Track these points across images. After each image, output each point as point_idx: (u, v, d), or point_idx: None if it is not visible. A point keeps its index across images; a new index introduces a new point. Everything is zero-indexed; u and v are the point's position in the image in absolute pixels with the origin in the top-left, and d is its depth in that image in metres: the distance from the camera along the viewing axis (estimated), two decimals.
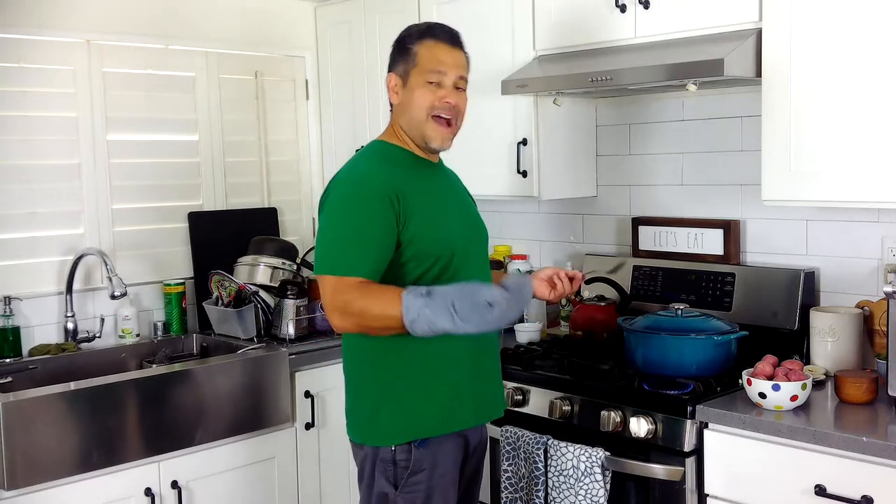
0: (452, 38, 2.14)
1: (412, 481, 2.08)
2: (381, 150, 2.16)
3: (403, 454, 2.08)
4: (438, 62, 2.09)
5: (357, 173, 2.10)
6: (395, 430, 2.08)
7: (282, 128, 3.75)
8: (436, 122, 2.10)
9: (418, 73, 2.09)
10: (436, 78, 2.08)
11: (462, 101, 2.14)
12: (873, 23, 2.22)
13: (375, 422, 2.11)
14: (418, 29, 2.16)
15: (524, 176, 3.03)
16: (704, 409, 2.32)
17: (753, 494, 2.23)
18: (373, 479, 2.11)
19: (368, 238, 2.00)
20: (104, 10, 3.20)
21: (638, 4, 2.67)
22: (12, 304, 2.95)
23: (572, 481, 2.44)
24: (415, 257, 2.05)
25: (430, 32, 2.13)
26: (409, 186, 2.07)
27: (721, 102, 2.93)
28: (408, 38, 2.14)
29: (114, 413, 2.57)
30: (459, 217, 2.19)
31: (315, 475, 3.08)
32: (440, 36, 2.12)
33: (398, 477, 2.08)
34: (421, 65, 2.09)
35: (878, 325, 2.49)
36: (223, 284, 3.24)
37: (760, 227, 2.88)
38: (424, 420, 2.09)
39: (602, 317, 2.95)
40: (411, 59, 2.10)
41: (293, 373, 2.99)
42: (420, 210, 2.06)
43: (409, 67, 2.10)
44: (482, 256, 2.25)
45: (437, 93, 2.09)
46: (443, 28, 2.16)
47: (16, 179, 3.02)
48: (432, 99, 2.08)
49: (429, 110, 2.09)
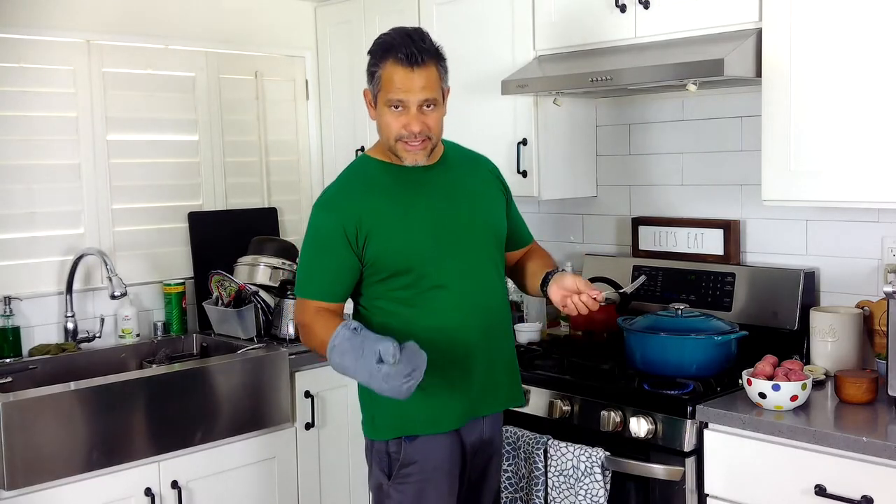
0: (412, 58, 2.02)
1: (403, 472, 2.14)
2: (359, 168, 2.22)
3: (395, 447, 2.15)
4: (397, 90, 2.04)
5: (323, 201, 2.18)
6: (386, 426, 2.16)
7: (282, 128, 3.75)
8: (405, 145, 2.08)
9: (382, 97, 2.07)
10: (397, 104, 2.05)
11: (432, 120, 2.08)
12: (873, 23, 2.22)
13: (371, 417, 2.19)
14: (381, 47, 2.08)
15: (524, 176, 3.03)
16: (704, 409, 2.32)
17: (753, 494, 2.23)
18: (371, 468, 2.21)
19: (324, 266, 2.14)
20: (104, 10, 3.20)
21: (638, 4, 2.67)
22: (12, 304, 2.95)
23: (572, 481, 2.44)
24: (378, 274, 2.13)
25: (391, 52, 2.04)
26: (376, 208, 2.11)
27: (721, 102, 2.93)
28: (372, 56, 2.10)
29: (114, 413, 2.57)
30: (442, 226, 2.15)
31: (315, 475, 3.08)
32: (399, 58, 2.03)
33: (391, 468, 2.15)
34: (384, 89, 2.06)
35: (878, 325, 2.49)
36: (223, 284, 3.24)
37: (760, 227, 2.88)
38: (411, 419, 2.13)
39: (602, 317, 2.94)
40: (376, 81, 2.08)
41: (293, 373, 2.99)
42: (384, 229, 2.10)
43: (376, 90, 2.09)
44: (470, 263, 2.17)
45: (399, 119, 2.06)
46: (404, 47, 2.03)
47: (16, 179, 3.03)
48: (397, 126, 2.06)
49: (395, 136, 2.08)
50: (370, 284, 2.15)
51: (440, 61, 2.10)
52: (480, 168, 2.32)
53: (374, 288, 2.15)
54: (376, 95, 2.10)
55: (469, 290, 2.16)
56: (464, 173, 2.26)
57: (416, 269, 2.11)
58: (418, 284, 2.12)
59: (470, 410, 2.19)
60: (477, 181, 2.28)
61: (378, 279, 2.14)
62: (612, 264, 3.15)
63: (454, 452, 2.17)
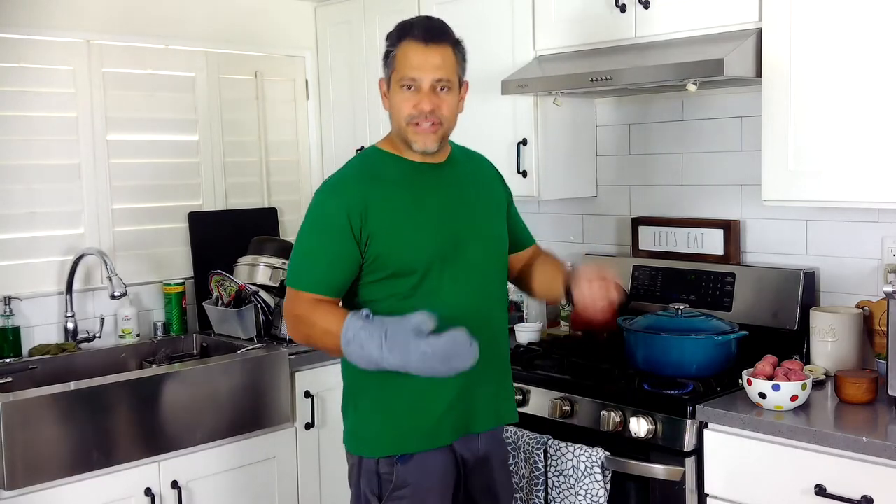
0: (429, 35, 1.98)
1: (396, 495, 2.03)
2: (367, 160, 2.11)
3: (386, 468, 2.03)
4: (411, 67, 1.97)
5: (328, 186, 2.08)
6: (375, 442, 2.06)
7: (282, 128, 3.75)
8: (415, 127, 2.00)
9: (395, 79, 2.01)
10: (410, 83, 1.98)
11: (445, 103, 2.00)
12: (873, 23, 2.22)
13: (362, 432, 2.08)
14: (399, 28, 2.03)
15: (524, 176, 3.03)
16: (704, 409, 2.32)
17: (753, 494, 2.23)
18: (359, 489, 2.08)
19: (324, 257, 2.01)
20: (104, 10, 3.20)
21: (638, 4, 2.67)
22: (12, 304, 2.95)
23: (572, 481, 2.44)
24: (377, 273, 2.02)
25: (407, 31, 2.00)
26: (383, 201, 2.01)
27: (721, 102, 2.93)
28: (389, 39, 2.04)
29: (114, 413, 2.58)
30: (449, 230, 2.07)
31: (315, 475, 3.08)
32: (416, 35, 1.98)
33: (382, 489, 2.04)
34: (398, 69, 2.00)
35: (878, 325, 2.49)
36: (223, 284, 3.24)
37: (760, 227, 2.88)
38: (409, 434, 2.04)
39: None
40: (391, 62, 2.02)
41: (293, 373, 2.99)
42: (390, 224, 2.00)
43: (390, 72, 2.02)
44: (473, 272, 2.09)
45: (411, 99, 1.99)
46: (421, 24, 2.01)
47: (16, 179, 3.03)
48: (408, 107, 1.99)
49: (407, 118, 2.00)
50: (366, 285, 2.03)
51: (457, 46, 2.05)
52: (485, 171, 2.26)
53: (369, 289, 2.03)
54: (389, 78, 2.03)
55: (470, 301, 2.07)
56: (471, 175, 2.20)
57: (418, 272, 2.01)
58: (418, 290, 2.01)
59: (464, 425, 2.10)
60: (483, 184, 2.22)
61: (375, 279, 2.02)
62: (612, 264, 3.14)
63: (448, 472, 2.08)
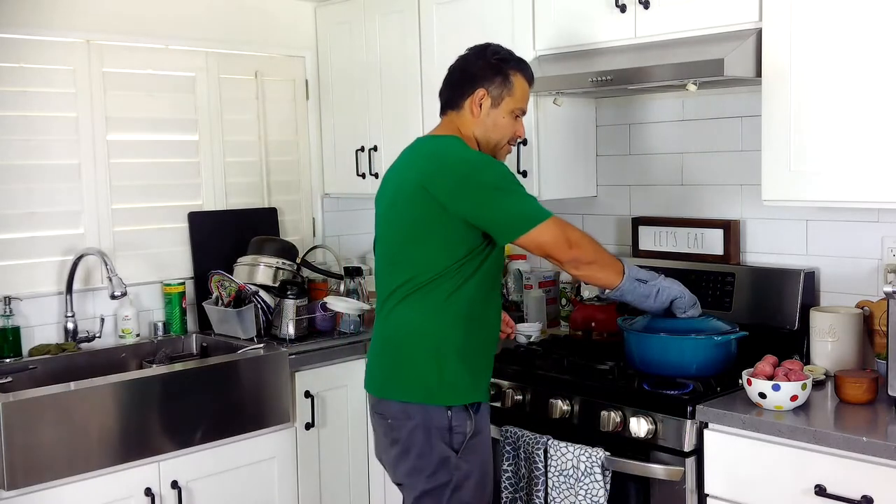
0: (531, 79, 2.41)
1: (472, 444, 2.27)
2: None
3: (458, 420, 2.25)
4: (525, 100, 2.39)
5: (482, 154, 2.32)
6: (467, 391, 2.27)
7: (282, 128, 3.75)
8: (508, 146, 2.40)
9: (510, 103, 2.34)
10: (520, 113, 2.38)
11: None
12: (873, 23, 2.22)
13: (449, 380, 2.25)
14: (515, 59, 2.37)
15: (524, 176, 3.03)
16: (704, 409, 2.32)
17: (753, 494, 2.23)
18: (428, 447, 2.24)
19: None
20: (104, 10, 3.20)
21: (638, 4, 2.67)
22: (12, 304, 2.95)
23: (572, 481, 2.44)
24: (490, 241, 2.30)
25: (523, 69, 2.37)
26: None
27: (721, 102, 2.93)
28: (506, 63, 2.34)
29: (114, 413, 2.58)
30: None
31: (315, 475, 3.08)
32: (527, 75, 2.38)
33: (454, 440, 2.25)
34: (515, 97, 2.34)
35: (878, 325, 2.49)
36: (223, 284, 3.24)
37: (760, 227, 2.88)
38: (484, 386, 2.34)
39: (602, 317, 2.95)
40: (508, 86, 2.33)
41: (293, 373, 2.99)
42: None
43: (504, 94, 2.33)
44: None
45: (517, 126, 2.38)
46: (530, 68, 2.41)
47: (16, 179, 3.02)
48: (513, 131, 2.38)
49: (509, 139, 2.38)
50: (477, 254, 2.24)
51: None
52: None
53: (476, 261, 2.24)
54: (502, 97, 2.33)
55: None
56: None
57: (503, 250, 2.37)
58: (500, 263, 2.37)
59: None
60: None
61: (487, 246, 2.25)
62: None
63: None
